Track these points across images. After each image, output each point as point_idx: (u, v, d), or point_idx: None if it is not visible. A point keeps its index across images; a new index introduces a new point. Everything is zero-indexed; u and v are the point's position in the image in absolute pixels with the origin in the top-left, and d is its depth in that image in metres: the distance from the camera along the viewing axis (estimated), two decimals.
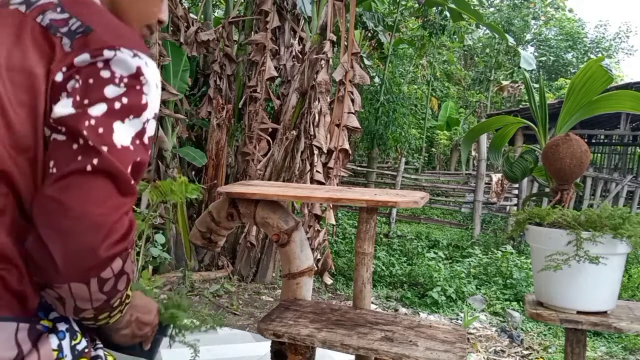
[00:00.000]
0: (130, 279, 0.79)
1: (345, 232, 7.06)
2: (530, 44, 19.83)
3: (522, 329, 4.22)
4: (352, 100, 4.37)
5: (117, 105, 0.75)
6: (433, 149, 14.52)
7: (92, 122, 0.72)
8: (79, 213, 0.69)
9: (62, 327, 0.78)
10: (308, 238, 4.31)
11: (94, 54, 0.75)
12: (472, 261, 5.91)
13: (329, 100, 4.62)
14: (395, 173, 9.22)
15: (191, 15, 5.11)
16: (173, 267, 4.53)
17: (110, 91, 0.74)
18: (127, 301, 0.84)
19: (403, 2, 8.74)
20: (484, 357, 3.54)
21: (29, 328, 0.73)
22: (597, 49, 19.47)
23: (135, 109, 0.76)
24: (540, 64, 17.90)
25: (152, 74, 0.79)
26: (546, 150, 1.64)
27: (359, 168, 9.80)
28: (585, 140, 4.05)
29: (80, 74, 0.74)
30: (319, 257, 4.69)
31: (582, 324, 1.43)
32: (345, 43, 4.43)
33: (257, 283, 4.66)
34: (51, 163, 0.72)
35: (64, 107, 0.73)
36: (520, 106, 11.46)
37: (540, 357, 3.64)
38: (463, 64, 16.61)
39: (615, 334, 4.12)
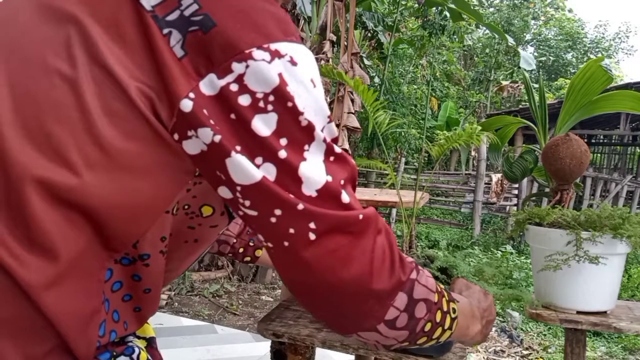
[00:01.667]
0: (433, 300, 0.66)
1: None
2: (530, 44, 19.84)
3: (521, 329, 4.22)
4: (352, 100, 4.38)
5: (283, 141, 0.53)
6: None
7: (279, 184, 0.53)
8: (326, 290, 0.58)
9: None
10: None
11: (222, 72, 0.51)
12: (472, 261, 5.92)
13: (328, 100, 4.62)
14: (395, 173, 9.23)
15: None
16: None
17: (262, 126, 0.52)
18: (451, 316, 0.71)
19: (403, 2, 8.74)
20: (483, 357, 3.54)
21: None
22: (597, 49, 19.48)
23: (304, 135, 0.55)
24: (540, 64, 17.91)
25: (301, 73, 0.55)
26: (546, 150, 1.64)
27: (359, 168, 9.78)
28: (585, 140, 4.05)
29: (217, 111, 0.52)
30: None
31: (582, 324, 1.43)
32: (345, 43, 4.43)
33: (256, 283, 4.67)
34: (261, 237, 0.57)
35: (236, 169, 0.53)
36: (520, 106, 11.47)
37: (540, 357, 3.64)
38: (463, 64, 16.62)
39: (615, 334, 4.12)
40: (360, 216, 0.57)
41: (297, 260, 0.56)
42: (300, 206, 0.54)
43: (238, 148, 0.52)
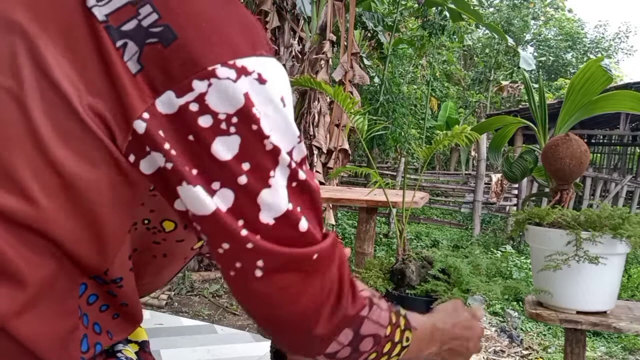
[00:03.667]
0: (383, 334, 0.63)
1: (345, 232, 7.06)
2: (530, 44, 19.85)
3: (521, 329, 4.22)
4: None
5: (246, 166, 0.50)
6: None
7: (232, 213, 0.50)
8: (268, 319, 0.57)
9: None
10: None
11: (181, 90, 0.47)
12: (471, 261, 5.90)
13: (328, 100, 4.62)
14: (395, 173, 9.23)
15: None
16: None
17: (222, 149, 0.49)
18: (403, 345, 0.67)
19: (403, 2, 8.74)
20: (483, 357, 3.54)
21: None
22: (597, 49, 19.49)
23: (268, 159, 0.51)
24: (540, 64, 17.92)
25: (270, 92, 0.50)
26: (546, 150, 1.64)
27: (359, 168, 9.77)
28: (585, 140, 4.05)
29: (173, 131, 0.48)
30: None
31: (582, 324, 1.43)
32: (345, 43, 4.43)
33: None
34: (238, 264, 0.53)
35: (188, 198, 0.50)
36: (520, 106, 11.46)
37: (540, 357, 3.64)
38: (463, 64, 16.62)
39: (615, 334, 4.12)
40: (315, 256, 0.54)
41: (242, 289, 0.54)
42: (250, 245, 0.51)
43: (194, 172, 0.48)
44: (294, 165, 0.53)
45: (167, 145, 0.48)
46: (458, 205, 8.99)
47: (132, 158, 0.49)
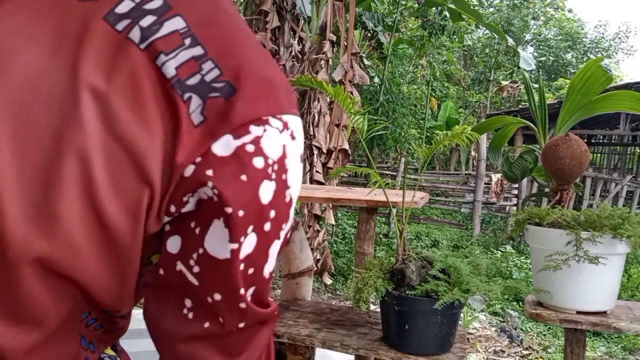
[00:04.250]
0: None
1: (345, 232, 7.06)
2: (530, 44, 19.85)
3: (521, 329, 4.22)
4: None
5: (272, 214, 0.51)
6: None
7: (245, 262, 0.50)
8: None
9: None
10: (308, 238, 4.31)
11: (238, 133, 0.48)
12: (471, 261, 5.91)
13: (328, 100, 4.63)
14: (395, 173, 9.23)
15: None
16: None
17: (265, 192, 0.50)
18: None
19: (403, 2, 8.75)
20: (483, 357, 3.54)
21: None
22: (597, 49, 19.49)
23: (285, 212, 0.53)
24: (540, 64, 17.92)
25: (297, 149, 0.53)
26: (546, 150, 1.64)
27: (359, 168, 9.78)
28: (585, 140, 4.05)
29: (223, 169, 0.48)
30: (318, 257, 4.69)
31: (582, 324, 1.43)
32: (345, 43, 4.43)
33: None
34: (187, 303, 0.53)
35: (216, 236, 0.49)
36: (520, 106, 11.47)
37: (540, 357, 3.65)
38: (463, 64, 16.63)
39: (615, 334, 4.12)
40: (274, 310, 0.56)
41: (211, 341, 0.54)
42: (242, 305, 0.51)
43: (240, 213, 0.48)
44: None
45: (211, 183, 0.47)
46: (458, 205, 9.00)
47: (172, 209, 0.49)
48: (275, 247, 0.53)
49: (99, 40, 0.48)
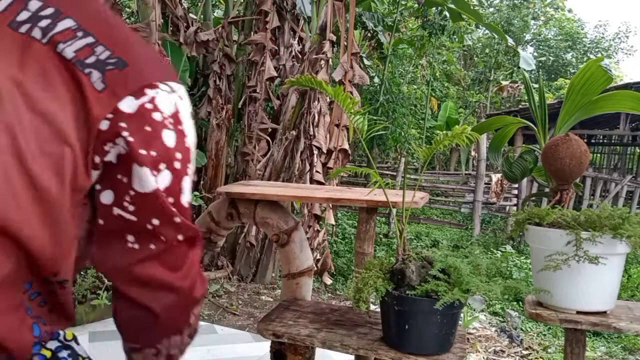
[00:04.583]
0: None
1: (345, 232, 7.06)
2: (530, 44, 19.84)
3: (521, 329, 4.22)
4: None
5: (179, 155, 0.67)
6: None
7: (167, 192, 0.66)
8: (173, 285, 0.71)
9: (63, 354, 0.77)
10: (308, 238, 4.31)
11: (137, 95, 0.64)
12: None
13: (328, 100, 4.62)
14: (395, 173, 9.23)
15: (191, 15, 5.11)
16: None
17: (168, 138, 0.66)
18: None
19: (403, 2, 8.74)
20: (483, 357, 3.54)
21: None
22: (597, 49, 19.48)
23: (187, 154, 0.69)
24: (540, 64, 17.92)
25: (187, 107, 0.71)
26: (546, 150, 1.64)
27: (359, 168, 9.78)
28: (585, 140, 4.05)
29: (134, 124, 0.63)
30: (318, 257, 4.69)
31: (582, 324, 1.43)
32: (345, 43, 4.43)
33: (256, 283, 4.66)
34: (130, 237, 0.67)
35: (137, 176, 0.64)
36: (520, 106, 11.46)
37: (540, 357, 3.65)
38: (463, 64, 16.62)
39: (615, 334, 4.12)
40: (200, 232, 0.72)
41: (158, 258, 0.68)
42: (177, 219, 0.67)
43: (153, 154, 0.64)
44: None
45: (125, 133, 0.62)
46: (458, 205, 8.99)
47: (97, 159, 0.63)
48: (186, 182, 0.69)
49: (9, 41, 0.62)
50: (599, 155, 14.12)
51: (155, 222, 0.66)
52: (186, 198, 0.69)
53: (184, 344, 0.78)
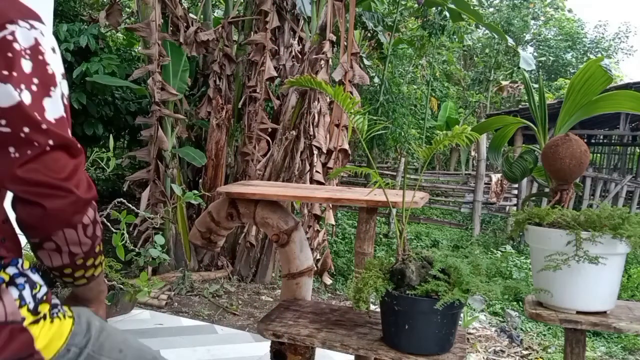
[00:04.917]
0: (102, 230, 0.95)
1: (345, 232, 7.06)
2: (530, 44, 19.83)
3: (521, 329, 4.22)
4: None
5: (36, 80, 0.83)
6: None
7: (31, 107, 0.81)
8: (55, 184, 0.84)
9: (20, 280, 0.90)
10: (308, 238, 4.31)
11: (1, 28, 0.81)
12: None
13: (328, 100, 4.62)
14: (395, 173, 9.23)
15: (191, 15, 5.10)
16: (173, 267, 4.53)
17: (25, 65, 0.82)
18: (102, 260, 1.00)
19: (403, 2, 8.74)
20: (483, 357, 3.54)
21: None
22: (597, 49, 19.47)
23: (47, 79, 0.85)
24: (540, 64, 17.91)
25: (48, 42, 0.87)
26: (545, 150, 1.64)
27: (359, 168, 9.77)
28: (585, 140, 4.05)
29: None
30: (318, 257, 4.69)
31: (582, 324, 1.43)
32: (345, 43, 4.43)
33: (256, 283, 4.66)
34: (11, 149, 0.81)
35: (1, 93, 0.79)
36: (520, 106, 11.46)
37: (540, 357, 3.65)
38: (462, 64, 16.62)
39: (615, 334, 4.12)
40: (78, 145, 0.88)
41: (36, 161, 0.82)
42: (44, 126, 0.82)
43: (15, 74, 0.80)
44: (62, 90, 0.88)
45: None
46: (458, 205, 8.99)
47: None
48: (47, 102, 0.84)
49: None
50: (599, 155, 14.12)
51: (26, 129, 0.81)
52: (52, 115, 0.84)
53: (82, 243, 0.90)
